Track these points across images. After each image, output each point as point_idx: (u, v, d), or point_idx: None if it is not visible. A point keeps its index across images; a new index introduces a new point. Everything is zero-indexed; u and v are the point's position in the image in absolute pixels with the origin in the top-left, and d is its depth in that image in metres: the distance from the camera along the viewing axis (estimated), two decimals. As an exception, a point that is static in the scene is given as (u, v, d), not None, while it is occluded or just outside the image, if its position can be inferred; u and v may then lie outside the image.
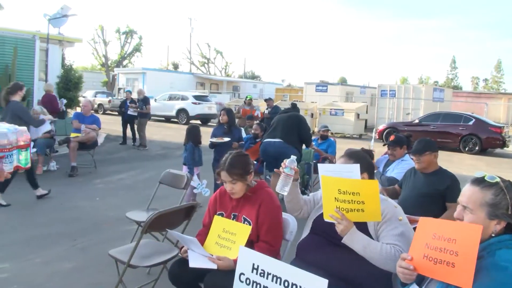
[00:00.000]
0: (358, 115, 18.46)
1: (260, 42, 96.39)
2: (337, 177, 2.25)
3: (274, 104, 12.21)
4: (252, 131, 7.05)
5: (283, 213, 2.81)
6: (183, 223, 3.24)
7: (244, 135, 6.99)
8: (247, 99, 12.38)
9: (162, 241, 3.88)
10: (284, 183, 2.45)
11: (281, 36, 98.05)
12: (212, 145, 6.31)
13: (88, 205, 6.15)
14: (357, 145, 10.97)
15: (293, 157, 2.53)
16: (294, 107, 6.62)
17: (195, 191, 5.37)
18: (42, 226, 5.14)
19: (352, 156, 2.56)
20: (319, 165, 2.43)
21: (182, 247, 2.66)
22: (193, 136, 6.14)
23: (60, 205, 6.07)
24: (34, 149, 7.74)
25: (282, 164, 2.49)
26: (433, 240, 1.75)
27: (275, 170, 2.60)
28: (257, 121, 8.53)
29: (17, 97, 6.41)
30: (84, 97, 12.73)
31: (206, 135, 6.44)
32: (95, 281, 3.70)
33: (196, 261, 2.48)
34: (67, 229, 5.06)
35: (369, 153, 4.40)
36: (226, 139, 6.22)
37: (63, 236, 4.81)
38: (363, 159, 2.53)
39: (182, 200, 4.13)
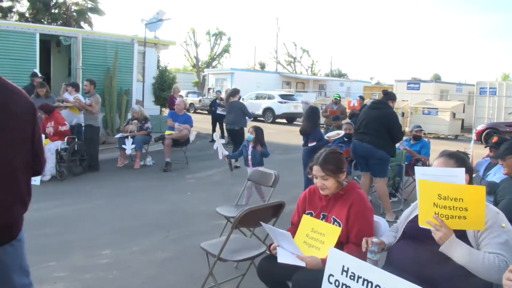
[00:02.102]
0: (453, 114, 17.29)
1: (347, 40, 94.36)
2: (437, 182, 2.12)
3: (364, 102, 11.84)
4: (345, 131, 6.90)
5: (374, 215, 2.72)
6: (271, 221, 3.27)
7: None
8: (335, 98, 12.16)
9: (250, 237, 3.96)
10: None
11: (369, 32, 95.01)
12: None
13: (180, 198, 6.48)
14: (453, 146, 10.28)
15: (375, 240, 2.36)
16: (385, 94, 6.04)
17: (214, 146, 5.99)
18: (138, 217, 5.51)
19: (453, 156, 2.39)
20: (416, 168, 2.30)
21: (271, 244, 2.69)
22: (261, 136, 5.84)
23: (155, 198, 6.47)
24: (133, 145, 8.38)
25: (363, 243, 2.37)
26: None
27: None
28: (348, 121, 8.34)
29: (236, 98, 9.64)
30: (181, 96, 13.42)
31: (291, 134, 6.48)
32: (186, 271, 3.88)
33: (285, 257, 2.49)
34: (161, 220, 5.37)
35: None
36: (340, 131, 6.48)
37: (157, 227, 5.12)
38: (465, 161, 2.36)
39: (270, 197, 4.17)
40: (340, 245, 2.51)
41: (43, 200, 6.17)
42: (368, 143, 5.58)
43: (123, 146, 8.46)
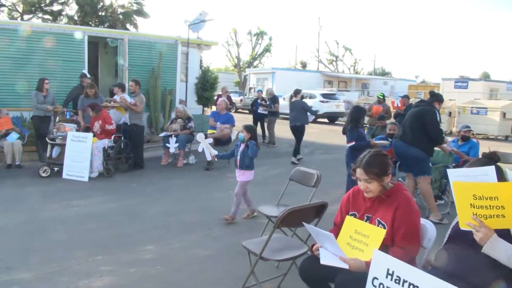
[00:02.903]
0: (504, 114, 16.49)
1: (391, 37, 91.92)
2: (471, 182, 2.05)
3: (409, 102, 11.49)
4: (389, 131, 6.74)
5: (421, 218, 2.63)
6: (314, 221, 3.23)
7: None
8: (378, 97, 11.88)
9: (291, 236, 3.94)
10: None
11: (414, 29, 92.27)
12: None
13: (221, 197, 6.55)
14: (503, 147, 9.81)
15: None
16: (432, 95, 5.83)
17: (199, 149, 5.62)
18: (181, 214, 5.62)
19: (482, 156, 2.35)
20: (449, 171, 2.23)
21: (313, 244, 2.66)
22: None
23: (197, 196, 6.57)
24: (176, 144, 8.54)
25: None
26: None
27: None
28: (392, 121, 8.12)
29: (298, 97, 10.01)
30: (228, 96, 13.58)
31: (333, 134, 6.39)
32: (228, 269, 3.92)
33: (327, 258, 2.45)
34: (203, 218, 5.45)
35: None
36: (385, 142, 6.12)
37: (199, 224, 5.19)
38: (494, 159, 2.30)
39: (312, 197, 4.13)
40: (384, 248, 2.45)
41: (90, 196, 6.41)
42: (403, 141, 5.52)
43: (167, 144, 8.66)
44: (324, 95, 21.48)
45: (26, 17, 21.93)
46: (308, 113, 10.09)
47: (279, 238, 3.45)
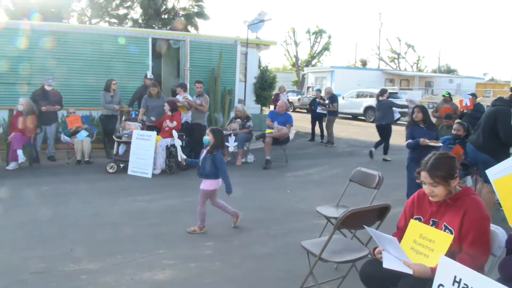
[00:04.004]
0: None
1: (457, 32, 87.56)
2: (509, 174, 1.90)
3: (477, 101, 10.84)
4: (454, 132, 6.42)
5: (491, 224, 2.49)
6: (375, 224, 3.16)
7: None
8: (444, 96, 11.30)
9: (351, 238, 3.87)
10: None
11: (482, 24, 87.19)
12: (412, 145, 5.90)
13: (279, 196, 6.56)
14: None
15: None
16: None
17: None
18: (239, 211, 5.67)
19: None
20: (487, 171, 2.08)
21: (375, 247, 2.60)
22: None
23: (255, 194, 6.63)
24: (235, 143, 8.67)
25: None
26: None
27: None
28: (458, 121, 7.72)
29: (385, 96, 10.08)
30: (285, 95, 13.64)
31: (395, 134, 6.19)
32: (285, 268, 3.92)
33: (390, 262, 2.38)
34: (261, 216, 5.49)
35: None
36: (438, 143, 5.82)
37: (257, 222, 5.24)
38: None
39: (373, 199, 4.03)
40: (451, 254, 2.34)
41: (153, 192, 6.66)
42: (474, 145, 5.20)
43: (226, 143, 8.80)
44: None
45: (94, 21, 23.18)
46: (395, 111, 10.44)
47: (339, 240, 3.40)
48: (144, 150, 7.68)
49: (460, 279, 1.83)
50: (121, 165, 7.91)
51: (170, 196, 6.51)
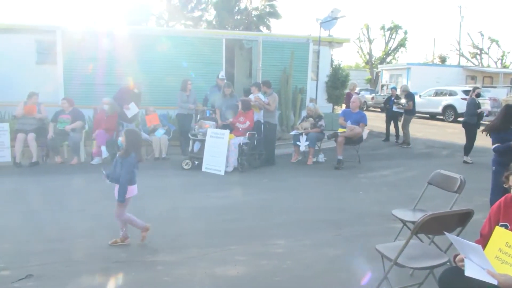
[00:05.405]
0: None
1: (551, 25, 79.88)
2: None
3: None
4: None
5: None
6: (456, 230, 2.98)
7: None
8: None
9: (429, 244, 3.69)
10: None
11: None
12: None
13: (352, 197, 6.42)
14: None
15: None
16: None
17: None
18: (311, 212, 5.65)
19: None
20: None
21: (456, 254, 2.45)
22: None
23: (327, 195, 6.55)
24: (307, 142, 8.64)
25: None
26: None
27: None
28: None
29: (472, 95, 9.71)
30: (356, 93, 13.31)
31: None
32: (357, 271, 3.81)
33: (473, 271, 2.24)
34: (333, 217, 5.40)
35: None
36: None
37: (329, 223, 5.16)
38: None
39: (454, 204, 3.80)
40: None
41: (226, 189, 6.83)
42: None
43: (298, 142, 8.79)
44: (466, 92, 19.62)
45: (170, 23, 24.22)
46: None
47: (416, 245, 3.25)
48: (218, 148, 7.90)
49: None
50: (196, 162, 8.19)
51: (242, 193, 6.63)
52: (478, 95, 10.20)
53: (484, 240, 2.50)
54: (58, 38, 10.60)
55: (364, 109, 25.49)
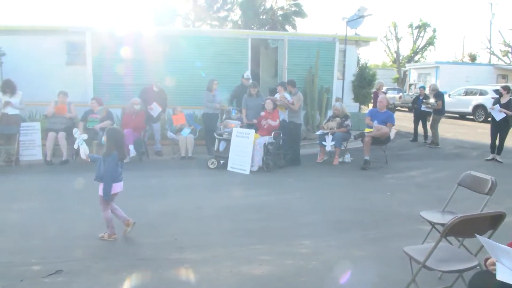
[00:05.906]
0: None
1: None
2: None
3: None
4: None
5: None
6: (487, 233, 2.90)
7: None
8: None
9: (458, 247, 3.60)
10: None
11: None
12: None
13: (379, 198, 6.33)
14: None
15: None
16: None
17: (75, 145, 4.78)
18: (337, 212, 5.61)
19: None
20: None
21: (488, 258, 2.39)
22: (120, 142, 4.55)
23: (353, 195, 6.48)
24: (332, 142, 8.57)
25: None
26: None
27: None
28: None
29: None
30: (384, 92, 13.09)
31: (509, 135, 5.60)
32: (383, 273, 3.77)
33: (506, 275, 2.18)
34: (359, 218, 5.34)
35: None
36: None
37: (355, 224, 5.11)
38: None
39: (485, 206, 3.70)
40: None
41: (251, 188, 6.85)
42: None
43: (323, 142, 8.73)
44: (497, 92, 19.06)
45: (197, 24, 24.43)
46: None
47: (445, 248, 3.18)
48: (243, 148, 7.93)
49: None
50: (221, 161, 8.24)
51: (267, 193, 6.64)
52: None
53: (516, 244, 2.42)
54: (87, 39, 10.84)
55: (391, 107, 25.11)
